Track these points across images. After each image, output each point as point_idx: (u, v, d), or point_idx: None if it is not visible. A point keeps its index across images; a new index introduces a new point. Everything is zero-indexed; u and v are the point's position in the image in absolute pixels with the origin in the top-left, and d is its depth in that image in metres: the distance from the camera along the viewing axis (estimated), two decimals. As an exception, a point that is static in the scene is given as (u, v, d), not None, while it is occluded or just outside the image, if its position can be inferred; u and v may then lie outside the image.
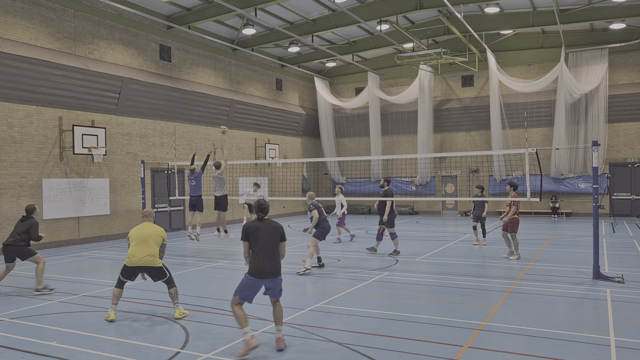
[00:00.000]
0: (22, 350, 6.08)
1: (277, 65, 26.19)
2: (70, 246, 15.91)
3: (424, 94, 25.95)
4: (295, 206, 28.14)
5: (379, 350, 5.94)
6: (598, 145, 10.04)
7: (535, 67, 25.07)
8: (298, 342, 6.26)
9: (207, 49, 21.48)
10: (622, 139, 23.57)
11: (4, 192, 14.38)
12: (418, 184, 27.43)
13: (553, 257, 12.50)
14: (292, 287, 9.53)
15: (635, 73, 23.21)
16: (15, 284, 10.14)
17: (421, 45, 22.63)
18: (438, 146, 27.30)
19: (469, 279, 10.08)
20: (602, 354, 5.71)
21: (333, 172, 29.38)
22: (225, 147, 14.59)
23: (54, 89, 15.44)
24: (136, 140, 18.37)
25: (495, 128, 24.46)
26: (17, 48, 14.36)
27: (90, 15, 16.71)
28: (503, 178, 25.26)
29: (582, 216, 24.25)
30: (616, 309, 7.60)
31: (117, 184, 17.63)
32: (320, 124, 28.88)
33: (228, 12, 18.09)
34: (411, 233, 18.60)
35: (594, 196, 9.95)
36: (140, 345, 6.22)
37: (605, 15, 20.18)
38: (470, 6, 19.82)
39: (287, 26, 21.53)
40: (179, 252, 14.30)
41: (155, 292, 8.95)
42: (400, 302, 8.24)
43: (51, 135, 15.59)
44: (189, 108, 20.41)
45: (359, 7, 19.88)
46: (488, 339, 6.33)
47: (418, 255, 13.20)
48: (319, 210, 11.14)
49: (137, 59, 18.35)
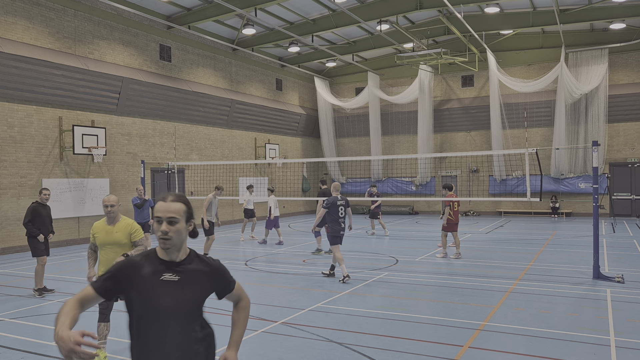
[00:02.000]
0: (22, 350, 6.08)
1: (277, 65, 26.19)
2: (70, 246, 15.91)
3: (424, 94, 25.95)
4: (295, 206, 28.14)
5: (379, 350, 5.94)
6: (598, 145, 10.04)
7: (535, 67, 25.06)
8: (298, 342, 6.26)
9: (207, 49, 21.49)
10: (622, 139, 23.57)
11: (4, 192, 14.38)
12: (418, 184, 27.43)
13: (553, 257, 12.50)
14: (292, 287, 9.53)
15: (635, 73, 23.21)
16: (16, 284, 10.14)
17: (421, 45, 22.63)
18: (438, 146, 27.30)
19: (469, 279, 10.08)
20: (602, 354, 5.71)
21: (333, 172, 29.38)
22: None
23: (54, 89, 15.44)
24: (136, 140, 18.38)
25: (495, 128, 24.46)
26: (17, 48, 14.36)
27: (90, 15, 16.71)
28: (503, 178, 25.26)
29: (582, 216, 24.25)
30: (616, 309, 7.60)
31: (117, 184, 17.63)
32: (320, 124, 28.89)
33: (228, 12, 18.09)
34: (411, 233, 18.61)
35: (594, 196, 9.95)
36: (140, 345, 6.21)
37: (605, 15, 20.18)
38: (470, 6, 19.83)
39: (287, 26, 21.53)
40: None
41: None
42: (400, 302, 8.24)
43: (51, 135, 15.59)
44: (189, 108, 20.41)
45: (359, 7, 19.88)
46: (488, 339, 6.33)
47: (418, 255, 13.20)
48: (327, 209, 10.14)
49: (137, 59, 18.35)
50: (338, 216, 10.14)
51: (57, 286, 9.84)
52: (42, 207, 9.13)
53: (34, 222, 8.97)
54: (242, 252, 14.33)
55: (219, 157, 22.13)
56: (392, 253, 13.54)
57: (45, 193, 9.11)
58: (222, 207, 22.41)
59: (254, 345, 6.16)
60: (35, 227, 8.95)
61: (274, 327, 6.89)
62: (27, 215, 9.00)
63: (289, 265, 11.81)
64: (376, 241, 16.19)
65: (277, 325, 6.94)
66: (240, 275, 10.81)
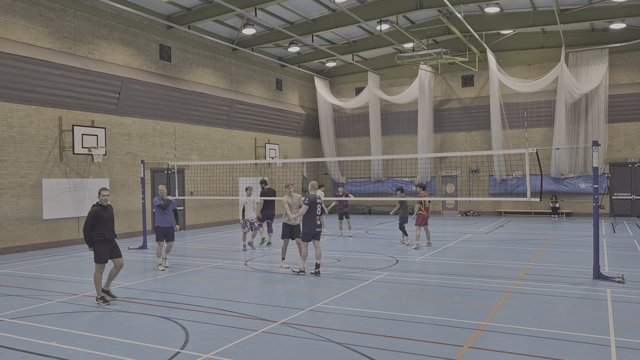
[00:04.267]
0: (22, 350, 6.08)
1: (277, 65, 26.19)
2: (70, 246, 15.91)
3: (424, 94, 25.94)
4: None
5: (379, 350, 5.93)
6: (598, 145, 10.04)
7: (535, 67, 25.06)
8: (298, 342, 6.26)
9: (207, 48, 21.48)
10: (622, 139, 23.57)
11: (4, 192, 14.38)
12: (418, 184, 27.40)
13: (553, 257, 12.50)
14: (292, 287, 9.53)
15: (635, 73, 23.21)
16: (16, 284, 10.14)
17: (421, 45, 22.63)
18: (438, 146, 27.30)
19: (469, 279, 10.08)
20: (602, 354, 5.71)
21: (333, 172, 29.38)
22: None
23: (53, 89, 15.43)
24: (136, 140, 18.37)
25: (495, 128, 24.46)
26: (17, 48, 14.36)
27: (90, 15, 16.71)
28: (503, 178, 25.26)
29: (582, 216, 24.25)
30: (616, 309, 7.60)
31: (117, 184, 17.62)
32: (320, 124, 28.88)
33: (228, 12, 18.08)
34: (411, 233, 18.59)
35: (594, 196, 9.94)
36: (140, 345, 6.22)
37: (606, 15, 20.18)
38: (471, 6, 19.82)
39: (287, 26, 21.52)
40: (179, 252, 14.29)
41: (155, 292, 8.94)
42: (400, 302, 8.24)
43: (51, 135, 15.59)
44: (189, 108, 20.41)
45: (359, 7, 19.88)
46: (488, 339, 6.33)
47: (418, 255, 13.20)
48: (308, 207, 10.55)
49: (137, 58, 18.35)
50: (315, 214, 10.58)
51: (57, 286, 9.84)
52: (103, 210, 8.42)
53: (95, 227, 8.29)
54: (242, 252, 14.32)
55: (219, 157, 22.13)
56: (392, 253, 13.54)
57: (104, 194, 8.40)
58: (222, 207, 22.44)
59: (254, 345, 6.16)
60: (99, 232, 8.29)
61: (274, 327, 6.89)
62: (87, 221, 8.32)
63: (289, 265, 11.79)
64: (376, 241, 16.19)
65: (277, 325, 6.94)
66: (240, 275, 10.81)
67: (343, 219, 17.83)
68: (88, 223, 8.31)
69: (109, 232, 8.44)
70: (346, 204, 17.79)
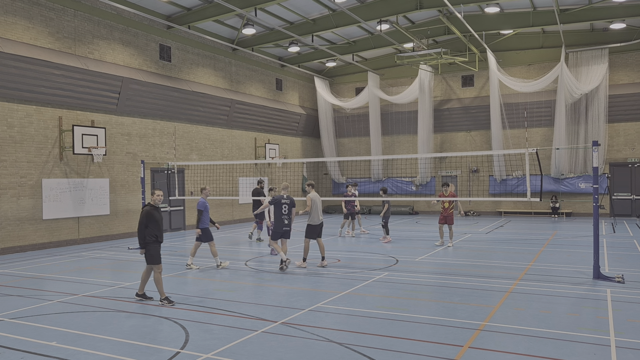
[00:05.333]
0: (22, 350, 6.08)
1: (277, 65, 26.18)
2: (70, 246, 15.90)
3: (424, 94, 25.94)
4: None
5: (379, 350, 5.93)
6: (598, 145, 10.04)
7: (535, 67, 25.06)
8: (298, 342, 6.26)
9: (207, 48, 21.48)
10: (622, 139, 23.57)
11: (4, 192, 14.38)
12: (418, 184, 27.43)
13: (553, 257, 12.50)
14: (292, 287, 9.53)
15: (635, 73, 23.20)
16: (16, 284, 10.14)
17: (421, 45, 22.63)
18: (438, 146, 27.29)
19: (469, 279, 10.08)
20: (602, 354, 5.71)
21: (333, 172, 29.38)
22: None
23: (53, 89, 15.43)
24: (136, 140, 18.37)
25: (495, 128, 24.45)
26: (17, 48, 14.36)
27: (90, 15, 16.70)
28: (503, 178, 25.26)
29: (582, 216, 24.25)
30: (616, 309, 7.60)
31: (117, 184, 17.62)
32: (320, 124, 28.88)
33: (228, 12, 18.08)
34: (411, 233, 18.61)
35: (594, 196, 9.95)
36: (140, 345, 6.22)
37: (606, 15, 20.17)
38: (470, 6, 19.82)
39: (287, 26, 21.52)
40: (179, 252, 14.29)
41: (155, 292, 8.94)
42: (400, 302, 8.24)
43: (51, 135, 15.59)
44: (189, 108, 20.41)
45: (359, 7, 19.87)
46: (488, 339, 6.33)
47: (418, 255, 13.20)
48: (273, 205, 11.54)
49: (137, 58, 18.35)
50: (281, 213, 11.42)
51: (57, 286, 9.84)
52: (156, 211, 8.42)
53: (148, 227, 8.27)
54: (242, 252, 14.32)
55: (219, 157, 22.13)
56: (392, 253, 13.55)
57: (158, 194, 8.42)
58: (222, 207, 22.43)
59: (254, 345, 6.16)
60: (151, 233, 8.28)
61: (274, 327, 6.89)
62: (141, 221, 8.28)
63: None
64: (376, 241, 16.19)
65: (277, 325, 6.94)
66: (240, 275, 10.81)
67: (349, 218, 17.76)
68: (142, 223, 8.28)
69: (161, 234, 8.45)
70: (354, 204, 17.68)
